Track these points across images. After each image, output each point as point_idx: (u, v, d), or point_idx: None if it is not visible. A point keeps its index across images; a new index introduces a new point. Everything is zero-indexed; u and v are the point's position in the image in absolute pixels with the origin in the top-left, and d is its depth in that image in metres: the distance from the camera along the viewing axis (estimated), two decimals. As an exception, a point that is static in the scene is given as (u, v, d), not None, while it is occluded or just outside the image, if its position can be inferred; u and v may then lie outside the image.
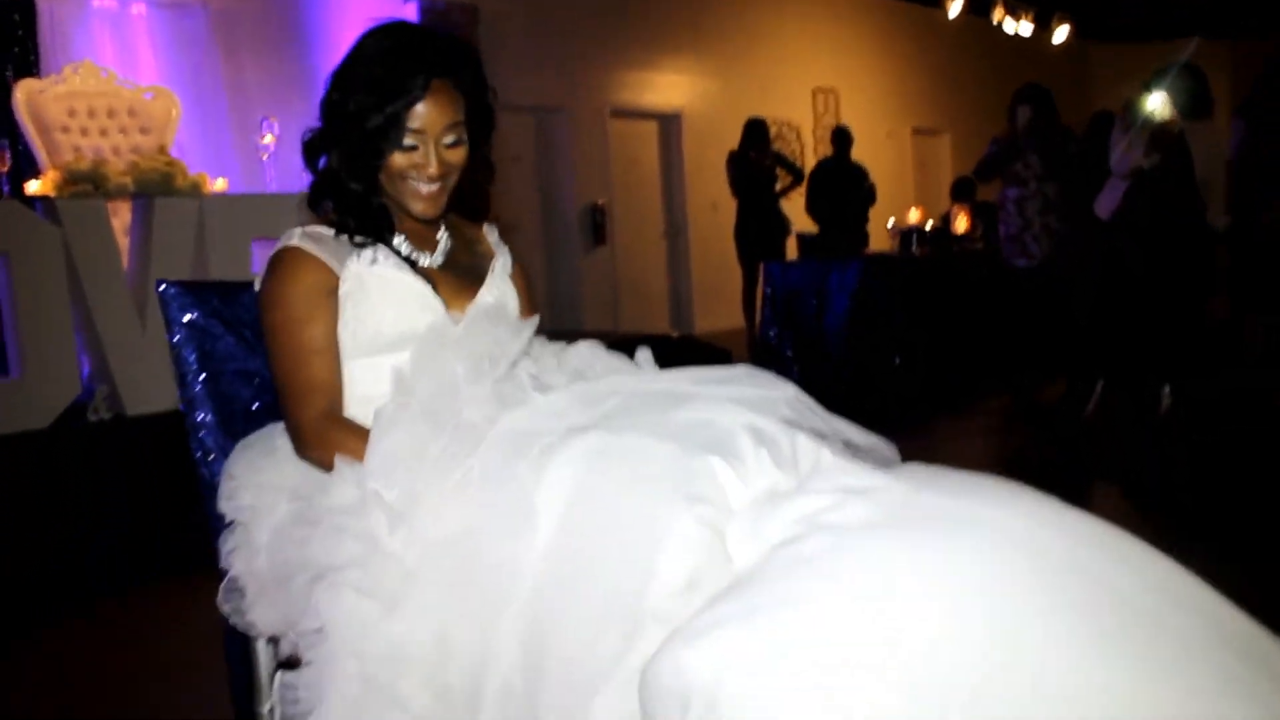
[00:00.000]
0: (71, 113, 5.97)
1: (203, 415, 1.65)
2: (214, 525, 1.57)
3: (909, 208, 10.65)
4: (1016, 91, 6.27)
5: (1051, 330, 5.98)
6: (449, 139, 1.64)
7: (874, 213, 8.47)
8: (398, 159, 1.63)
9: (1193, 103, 4.72)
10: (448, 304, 1.67)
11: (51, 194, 4.68)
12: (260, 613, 1.47)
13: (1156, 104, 4.59)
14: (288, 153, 6.62)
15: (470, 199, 1.84)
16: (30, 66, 6.70)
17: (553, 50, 9.58)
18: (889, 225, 7.21)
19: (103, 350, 4.54)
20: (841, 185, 8.24)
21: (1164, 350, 4.94)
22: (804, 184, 8.45)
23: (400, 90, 1.58)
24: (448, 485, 1.34)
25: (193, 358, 1.66)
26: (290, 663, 1.41)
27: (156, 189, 4.78)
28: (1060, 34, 12.56)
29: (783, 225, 8.19)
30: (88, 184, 4.61)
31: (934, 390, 6.30)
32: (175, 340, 1.66)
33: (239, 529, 1.53)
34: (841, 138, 8.41)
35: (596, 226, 10.06)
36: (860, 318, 6.22)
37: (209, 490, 1.58)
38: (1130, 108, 4.79)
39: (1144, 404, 5.09)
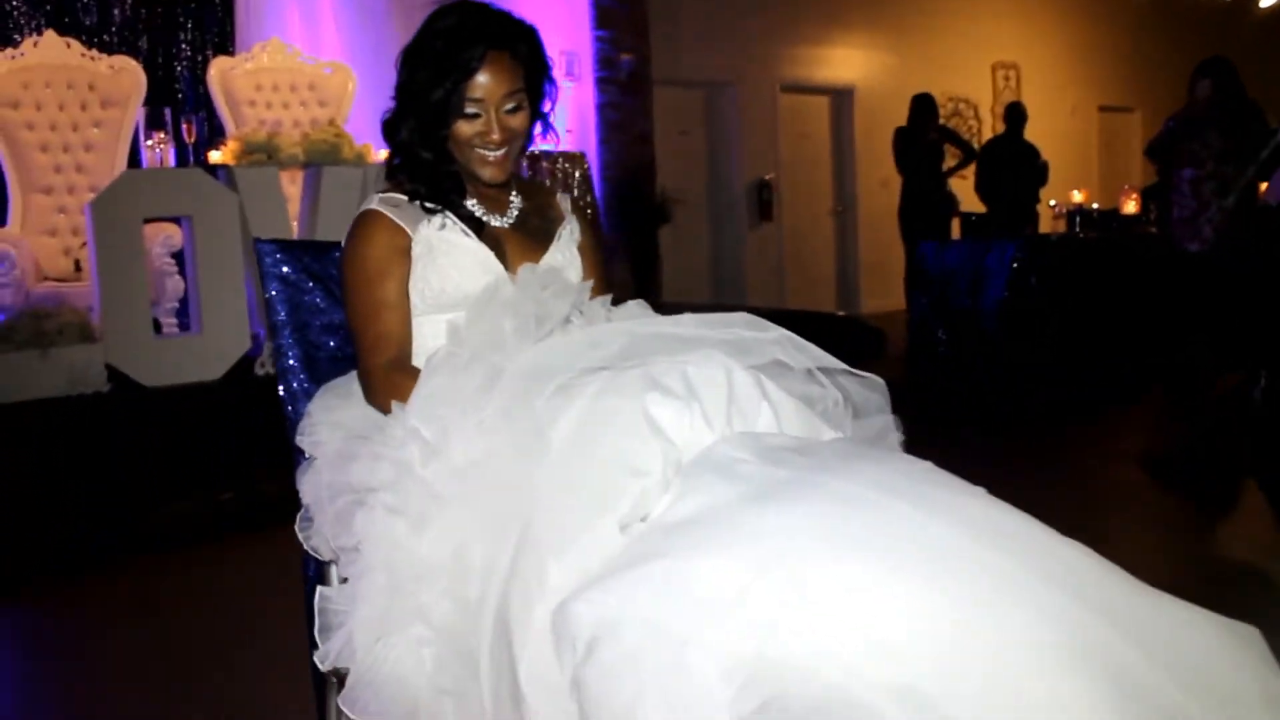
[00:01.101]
0: (258, 87, 6.37)
1: (291, 360, 1.81)
2: (295, 460, 1.71)
3: (1091, 188, 10.24)
4: (1198, 65, 5.97)
5: (1224, 318, 5.70)
6: (509, 105, 1.74)
7: (1047, 193, 8.17)
8: (463, 127, 1.74)
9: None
10: (513, 263, 1.77)
11: (231, 162, 5.03)
12: (320, 538, 1.61)
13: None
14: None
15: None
16: (227, 43, 7.19)
17: (724, 25, 9.60)
18: (1051, 205, 6.95)
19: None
20: (1012, 164, 7.98)
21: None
22: (974, 163, 8.22)
23: (460, 63, 1.69)
24: (475, 420, 1.46)
25: (283, 309, 1.82)
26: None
27: (325, 158, 5.08)
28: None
29: (949, 204, 7.98)
30: (262, 154, 4.94)
31: (1087, 376, 6.07)
32: (270, 292, 1.82)
33: (310, 462, 1.67)
34: (1014, 114, 8.14)
35: (763, 202, 10.05)
36: (1016, 300, 6.05)
37: (292, 427, 1.73)
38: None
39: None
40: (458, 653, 1.37)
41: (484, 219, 1.82)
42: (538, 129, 1.86)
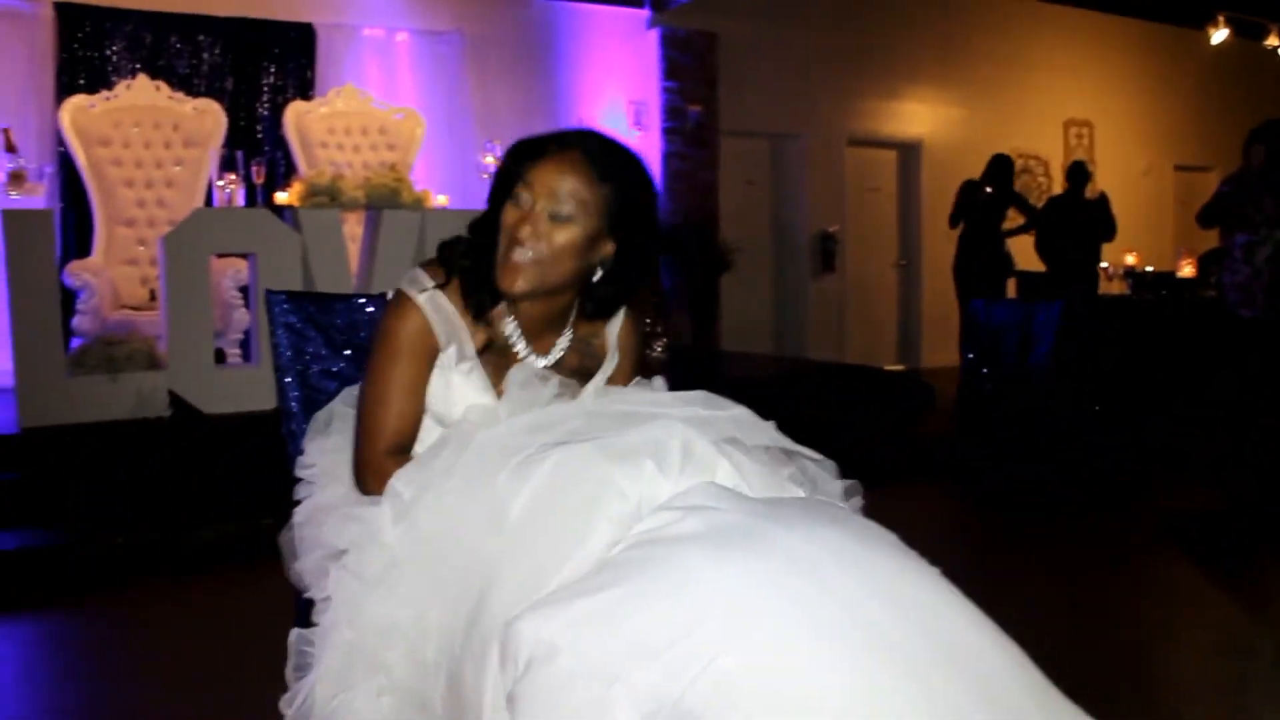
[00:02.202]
0: (331, 130, 6.68)
1: (292, 404, 1.97)
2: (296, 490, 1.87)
3: (1166, 248, 10.11)
4: (1252, 130, 5.96)
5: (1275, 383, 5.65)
6: (557, 210, 1.65)
7: (1108, 252, 8.11)
8: (507, 214, 1.68)
9: None
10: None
11: (296, 204, 5.30)
12: (297, 574, 1.74)
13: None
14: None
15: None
16: (307, 87, 7.52)
17: (792, 77, 9.75)
18: (1103, 266, 6.93)
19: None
20: (1072, 224, 7.96)
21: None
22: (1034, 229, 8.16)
23: (533, 148, 1.68)
24: (440, 491, 1.55)
25: (288, 354, 1.99)
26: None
27: (384, 201, 5.32)
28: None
29: (1005, 263, 7.94)
30: (325, 196, 5.19)
31: (1130, 437, 6.04)
32: (276, 337, 1.99)
33: (304, 498, 1.81)
34: (1077, 173, 8.12)
35: (826, 254, 10.13)
36: (1064, 359, 6.06)
37: (292, 462, 1.88)
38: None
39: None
40: (415, 706, 1.49)
41: (518, 349, 1.76)
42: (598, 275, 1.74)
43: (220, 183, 5.27)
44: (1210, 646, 3.32)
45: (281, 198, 5.54)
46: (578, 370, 1.80)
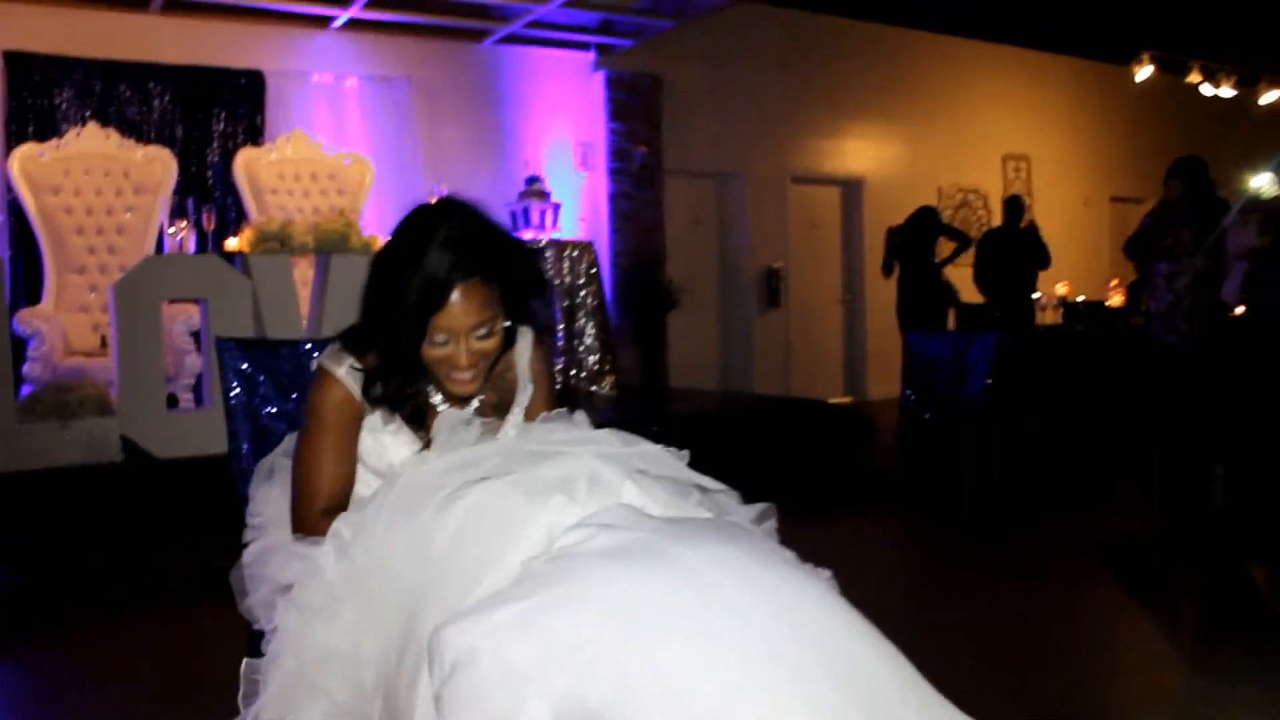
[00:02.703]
0: (281, 176, 6.78)
1: (244, 445, 2.09)
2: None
3: (1106, 279, 10.40)
4: (1171, 165, 6.22)
5: (1202, 414, 5.86)
6: (479, 332, 1.79)
7: (1044, 282, 8.38)
8: (432, 351, 1.80)
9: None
10: None
11: (246, 250, 5.39)
12: (247, 608, 1.87)
13: (1262, 183, 4.55)
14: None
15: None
16: (257, 133, 7.63)
17: (735, 117, 9.99)
18: (1035, 296, 7.18)
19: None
20: (1009, 255, 8.23)
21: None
22: (971, 249, 8.46)
23: (428, 298, 1.76)
24: (376, 526, 1.68)
25: (239, 398, 2.11)
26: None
27: (334, 246, 5.43)
28: (1269, 96, 11.96)
29: (945, 294, 8.22)
30: (275, 242, 5.29)
31: (1067, 465, 6.27)
32: (228, 383, 2.11)
33: (251, 537, 1.94)
34: (1012, 206, 8.42)
35: (772, 290, 10.35)
36: (998, 390, 6.26)
37: (243, 502, 2.00)
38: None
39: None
40: None
41: (440, 407, 1.91)
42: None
43: (171, 230, 5.36)
44: (1134, 662, 3.48)
45: (232, 244, 5.64)
46: (497, 405, 1.96)
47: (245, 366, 2.14)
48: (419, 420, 1.90)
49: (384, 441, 1.88)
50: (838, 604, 1.44)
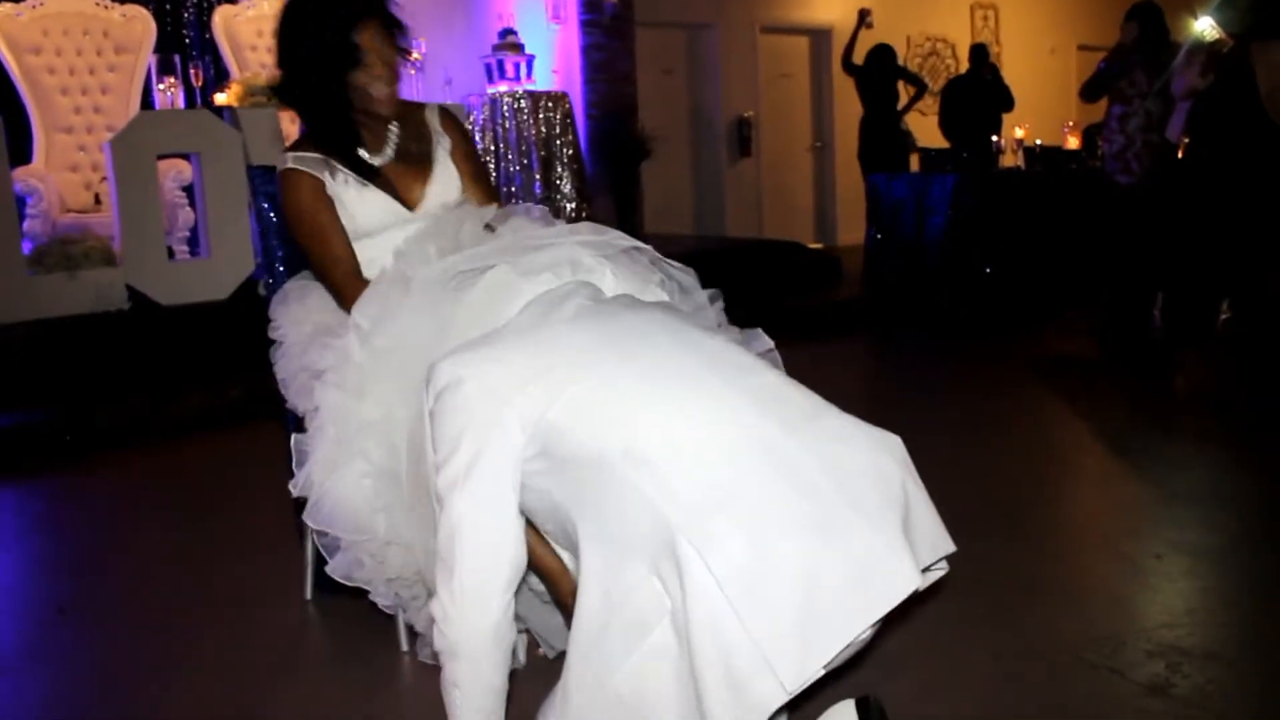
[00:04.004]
0: (260, 33, 6.87)
1: (278, 252, 2.40)
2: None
3: (1058, 123, 10.60)
4: (1128, 9, 6.41)
5: (1151, 246, 6.20)
6: (394, 46, 2.31)
7: (1007, 125, 8.61)
8: (356, 75, 2.27)
9: (1252, 21, 4.88)
10: (405, 194, 2.34)
11: (234, 104, 5.57)
12: (292, 401, 2.26)
13: (1204, 26, 4.78)
14: (434, 68, 7.40)
15: None
16: (230, -10, 7.65)
17: (705, -32, 10.03)
18: (994, 139, 7.43)
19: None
20: (973, 102, 8.44)
21: (1234, 265, 5.17)
22: (934, 89, 8.67)
23: (353, 10, 2.25)
24: (394, 316, 2.06)
25: (271, 217, 2.41)
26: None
27: (319, 100, 5.60)
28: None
29: (905, 140, 8.47)
30: (262, 96, 5.47)
31: (1023, 301, 6.66)
32: (258, 204, 2.41)
33: (277, 347, 2.35)
34: (977, 54, 8.59)
35: (743, 139, 10.54)
36: (956, 229, 6.59)
37: (267, 311, 2.38)
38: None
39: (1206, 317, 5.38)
40: (389, 482, 2.04)
41: (370, 160, 2.34)
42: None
43: (161, 86, 5.52)
44: (1068, 463, 3.91)
45: (220, 99, 5.80)
46: (419, 155, 2.40)
47: (272, 189, 2.42)
48: (369, 173, 2.30)
49: (352, 208, 2.28)
50: (759, 359, 1.79)
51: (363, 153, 2.34)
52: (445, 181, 2.40)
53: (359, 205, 2.29)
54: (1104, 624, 2.35)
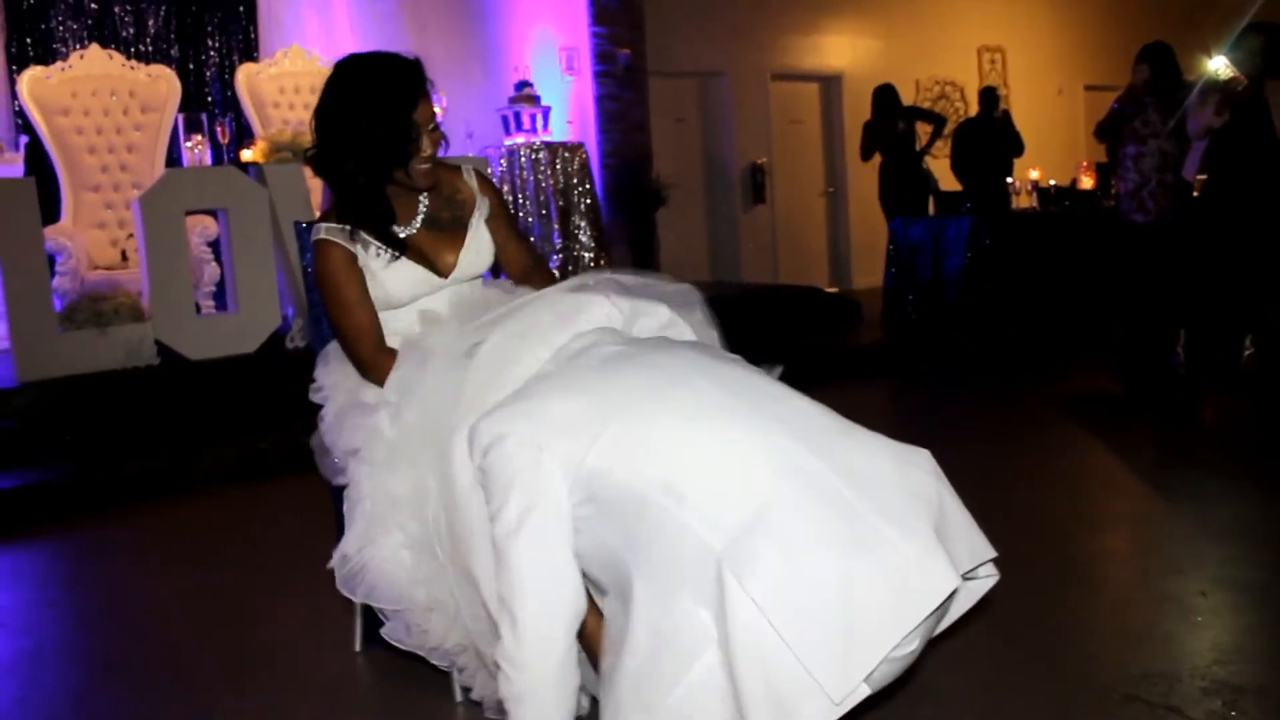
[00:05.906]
0: (281, 90, 7.00)
1: (321, 314, 2.45)
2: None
3: (1079, 166, 10.68)
4: (1139, 50, 6.48)
5: (1167, 285, 6.22)
6: (431, 126, 2.27)
7: (1020, 168, 8.67)
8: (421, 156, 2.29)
9: (1263, 62, 4.94)
10: (437, 261, 2.35)
11: (260, 160, 5.66)
12: (324, 473, 2.36)
13: (1218, 65, 4.83)
14: (454, 121, 7.49)
15: None
16: (251, 49, 7.81)
17: (715, 17, 10.17)
18: (1009, 181, 7.47)
19: (298, 290, 5.47)
20: (985, 144, 8.52)
21: (1251, 300, 5.19)
22: (945, 131, 8.74)
23: (406, 91, 2.23)
24: (421, 389, 2.13)
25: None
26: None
27: (343, 155, 5.68)
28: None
29: (925, 183, 8.52)
30: (288, 152, 5.55)
31: (1041, 339, 6.68)
32: (306, 260, 2.44)
33: (320, 422, 2.37)
34: (987, 97, 8.69)
35: (756, 185, 10.63)
36: (974, 270, 6.62)
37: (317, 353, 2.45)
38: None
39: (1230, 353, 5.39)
40: (426, 554, 2.10)
41: (399, 233, 2.32)
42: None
43: (189, 144, 5.61)
44: (1103, 502, 3.90)
45: (247, 155, 5.89)
46: (452, 221, 2.39)
47: (318, 246, 2.46)
48: (399, 247, 2.29)
49: (383, 279, 2.28)
50: (778, 382, 1.86)
51: (395, 227, 2.33)
52: (478, 249, 2.41)
53: (390, 277, 2.29)
54: (1156, 661, 2.35)
